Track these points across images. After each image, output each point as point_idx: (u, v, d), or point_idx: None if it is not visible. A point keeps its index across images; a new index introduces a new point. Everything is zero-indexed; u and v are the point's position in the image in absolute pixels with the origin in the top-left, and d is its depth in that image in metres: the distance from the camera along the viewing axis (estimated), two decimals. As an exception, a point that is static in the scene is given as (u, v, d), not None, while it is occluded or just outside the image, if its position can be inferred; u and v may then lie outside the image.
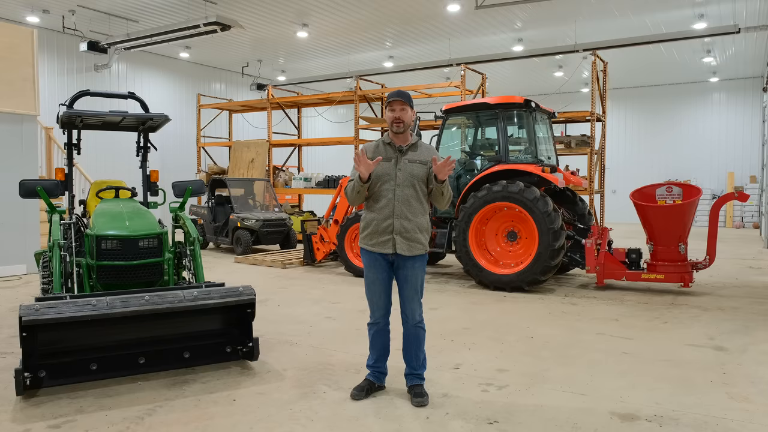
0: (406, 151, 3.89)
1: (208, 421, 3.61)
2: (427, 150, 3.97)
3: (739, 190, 8.48)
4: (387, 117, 3.89)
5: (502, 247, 8.31)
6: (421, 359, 4.02)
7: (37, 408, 3.81)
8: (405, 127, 3.87)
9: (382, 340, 4.02)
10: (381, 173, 3.85)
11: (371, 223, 3.90)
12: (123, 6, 13.24)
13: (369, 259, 3.92)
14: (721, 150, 21.14)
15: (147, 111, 6.09)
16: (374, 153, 3.91)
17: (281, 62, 18.80)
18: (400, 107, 3.85)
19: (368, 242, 3.91)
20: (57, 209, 5.83)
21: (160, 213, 14.90)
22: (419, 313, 3.95)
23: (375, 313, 3.99)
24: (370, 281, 3.95)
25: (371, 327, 4.03)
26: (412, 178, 3.84)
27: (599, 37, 15.29)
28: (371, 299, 3.97)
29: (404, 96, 3.86)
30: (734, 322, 6.22)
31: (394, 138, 3.92)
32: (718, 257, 11.51)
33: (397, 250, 3.82)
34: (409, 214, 3.82)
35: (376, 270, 3.91)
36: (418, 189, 3.86)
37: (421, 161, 3.89)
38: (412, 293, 3.91)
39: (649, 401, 3.95)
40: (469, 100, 11.24)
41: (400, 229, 3.81)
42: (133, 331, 4.36)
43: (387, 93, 3.64)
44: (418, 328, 3.96)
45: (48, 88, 14.91)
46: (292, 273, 9.75)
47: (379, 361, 4.07)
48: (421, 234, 3.89)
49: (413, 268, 3.89)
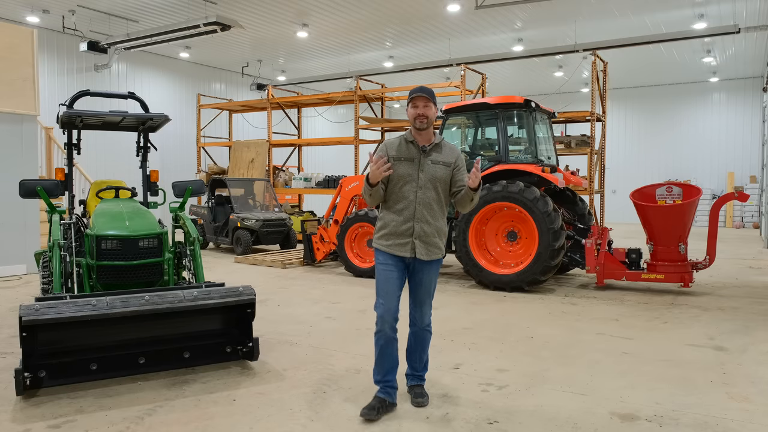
0: (430, 151, 3.73)
1: (208, 421, 3.61)
2: (451, 151, 3.81)
3: (739, 190, 8.48)
4: (410, 113, 3.72)
5: (502, 247, 8.31)
6: (425, 361, 3.96)
7: (37, 408, 3.80)
8: (429, 123, 3.70)
9: (391, 351, 3.74)
10: (402, 174, 3.69)
11: (390, 224, 3.72)
12: (123, 6, 13.24)
13: (384, 258, 3.73)
14: (721, 150, 21.15)
15: (147, 111, 6.09)
16: (398, 151, 3.72)
17: (281, 62, 18.81)
18: (424, 104, 3.68)
19: (384, 243, 3.74)
20: (57, 209, 5.83)
21: (160, 213, 14.93)
22: (429, 316, 3.85)
23: (385, 317, 3.68)
24: (383, 279, 3.70)
25: (378, 337, 3.72)
26: (435, 181, 3.69)
27: (599, 37, 15.30)
28: (384, 299, 3.68)
29: (428, 92, 3.69)
30: (734, 322, 6.22)
31: (416, 136, 3.75)
32: (718, 257, 11.51)
33: (417, 254, 3.68)
34: (429, 218, 3.69)
35: (392, 268, 3.70)
36: (440, 192, 3.72)
37: (444, 163, 3.73)
38: (425, 297, 3.80)
39: (649, 401, 3.95)
40: (469, 100, 11.23)
41: (420, 233, 3.67)
42: (133, 331, 4.35)
43: (410, 90, 3.80)
44: (426, 331, 3.86)
45: (48, 88, 14.92)
46: (292, 273, 9.75)
47: (389, 375, 3.78)
48: (440, 238, 3.77)
49: (429, 272, 3.76)
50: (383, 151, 3.71)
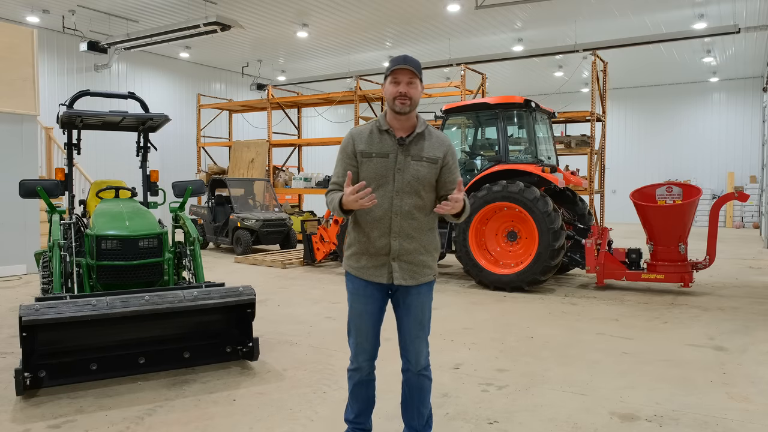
0: (410, 143, 2.75)
1: (208, 421, 3.61)
2: (439, 141, 2.82)
3: (739, 190, 8.48)
4: (388, 91, 2.71)
5: (502, 247, 8.31)
6: (426, 417, 3.01)
7: (37, 408, 3.81)
8: (413, 106, 2.71)
9: (366, 392, 3.03)
10: (374, 174, 2.74)
11: (359, 240, 2.83)
12: (123, 6, 13.24)
13: (355, 286, 2.88)
14: (721, 150, 21.15)
15: (147, 111, 6.10)
16: (368, 143, 2.78)
17: (281, 62, 18.81)
18: (408, 79, 2.68)
19: (354, 264, 2.86)
20: (57, 209, 5.83)
21: (160, 213, 14.91)
22: (425, 356, 2.93)
23: (359, 357, 2.94)
24: (356, 314, 2.91)
25: (352, 375, 3.00)
26: (417, 183, 2.74)
27: (599, 37, 15.30)
28: (356, 339, 2.93)
29: (413, 64, 2.69)
30: (734, 322, 6.22)
31: (393, 122, 2.76)
32: (718, 257, 11.51)
33: (395, 280, 2.79)
34: (412, 231, 2.76)
35: (365, 300, 2.86)
36: (424, 196, 2.77)
37: (429, 159, 2.76)
38: (417, 330, 2.87)
39: (649, 401, 3.95)
40: (469, 100, 11.24)
41: (399, 252, 2.76)
42: (133, 331, 4.36)
43: (390, 60, 2.70)
44: (423, 376, 2.93)
45: (48, 88, 14.92)
46: (292, 273, 9.75)
47: (361, 416, 3.08)
48: (429, 255, 2.84)
49: (418, 296, 2.85)
50: (349, 145, 2.80)
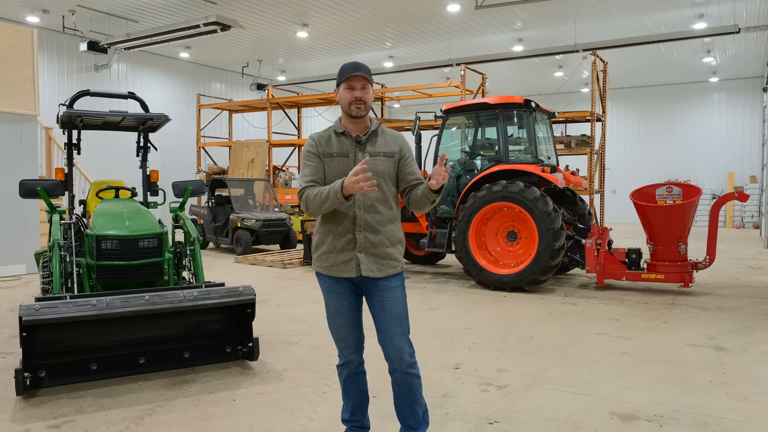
0: (366, 142, 2.98)
1: (208, 421, 3.61)
2: (393, 138, 3.06)
3: (739, 190, 8.48)
4: (343, 98, 2.94)
5: (502, 247, 8.31)
6: (420, 414, 3.03)
7: (37, 408, 3.81)
8: (367, 109, 2.97)
9: (357, 386, 3.10)
10: (336, 173, 2.94)
11: (326, 239, 2.98)
12: (123, 6, 13.24)
13: (327, 284, 3.01)
14: (721, 150, 21.15)
15: (147, 111, 6.10)
16: (327, 146, 2.98)
17: (281, 62, 18.81)
18: (362, 85, 2.93)
19: (323, 264, 2.99)
20: (57, 209, 5.83)
21: (160, 213, 14.93)
22: (409, 354, 2.95)
23: (344, 351, 3.04)
24: (332, 311, 3.01)
25: (341, 370, 3.09)
26: (377, 177, 2.92)
27: (599, 37, 15.30)
28: (338, 334, 3.03)
29: (365, 70, 2.94)
30: (734, 322, 6.22)
31: (349, 125, 3.00)
32: (718, 257, 11.52)
33: (363, 272, 2.89)
34: (375, 224, 2.92)
35: (338, 296, 2.98)
36: (385, 190, 2.96)
37: (386, 153, 2.99)
38: (394, 325, 2.93)
39: (649, 401, 3.95)
40: (469, 100, 11.24)
41: (365, 245, 2.90)
42: (133, 331, 4.36)
43: (341, 67, 2.98)
44: (410, 375, 2.95)
45: (48, 88, 14.92)
46: (292, 273, 9.75)
47: (357, 413, 3.13)
48: (394, 247, 2.98)
49: (389, 290, 2.94)
50: (313, 148, 3.00)
